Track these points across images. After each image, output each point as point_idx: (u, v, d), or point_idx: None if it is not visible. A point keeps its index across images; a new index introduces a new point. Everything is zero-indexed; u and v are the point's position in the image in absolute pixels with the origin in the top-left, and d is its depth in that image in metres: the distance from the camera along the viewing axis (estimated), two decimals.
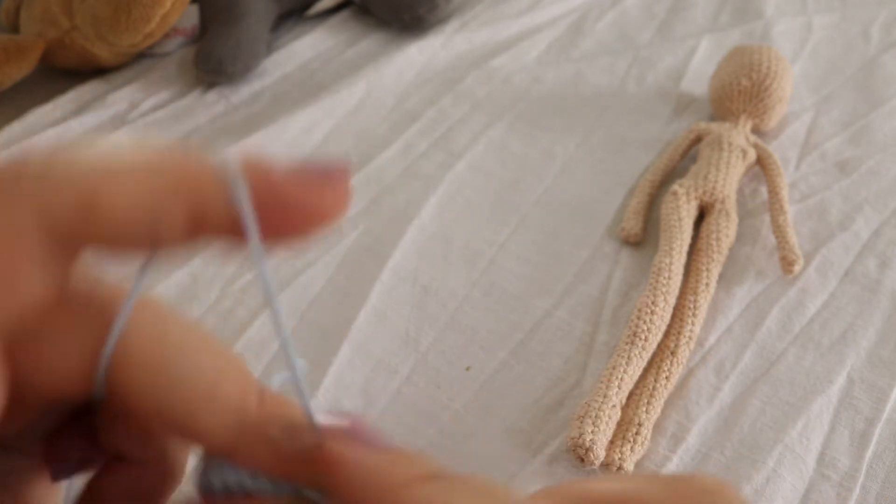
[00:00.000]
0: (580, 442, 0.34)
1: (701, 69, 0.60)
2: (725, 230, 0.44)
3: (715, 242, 0.44)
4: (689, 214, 0.45)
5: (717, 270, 0.43)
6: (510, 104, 0.58)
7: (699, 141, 0.51)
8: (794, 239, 0.44)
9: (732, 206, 0.46)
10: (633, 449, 0.35)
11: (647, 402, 0.37)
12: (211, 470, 0.16)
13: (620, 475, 0.13)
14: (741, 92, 0.52)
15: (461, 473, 0.16)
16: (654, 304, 0.39)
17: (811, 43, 0.63)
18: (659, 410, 0.37)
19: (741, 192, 0.49)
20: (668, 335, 0.40)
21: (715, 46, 0.63)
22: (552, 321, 0.42)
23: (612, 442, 0.35)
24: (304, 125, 0.55)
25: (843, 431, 0.37)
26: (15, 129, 0.55)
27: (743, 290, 0.43)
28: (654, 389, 0.37)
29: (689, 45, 0.63)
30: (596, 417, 0.35)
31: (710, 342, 0.41)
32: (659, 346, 0.39)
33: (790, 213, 0.46)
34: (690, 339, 0.40)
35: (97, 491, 0.18)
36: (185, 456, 0.19)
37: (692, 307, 0.40)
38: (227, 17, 0.60)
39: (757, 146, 0.50)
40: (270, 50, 0.63)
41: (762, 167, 0.49)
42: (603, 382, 0.37)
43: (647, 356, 0.38)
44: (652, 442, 0.36)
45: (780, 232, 0.45)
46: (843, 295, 0.43)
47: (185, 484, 0.18)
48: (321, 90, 0.59)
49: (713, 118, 0.55)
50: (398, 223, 0.48)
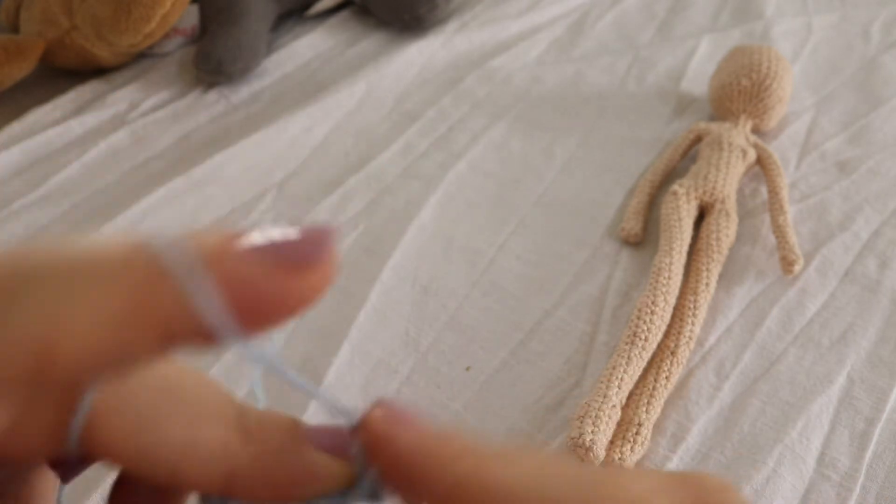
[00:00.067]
0: (580, 442, 0.34)
1: (701, 69, 0.60)
2: (725, 230, 0.44)
3: (715, 242, 0.44)
4: (689, 214, 0.45)
5: (717, 270, 0.43)
6: (510, 104, 0.58)
7: (699, 141, 0.51)
8: (794, 239, 0.44)
9: (732, 206, 0.46)
10: (633, 449, 0.35)
11: (647, 402, 0.37)
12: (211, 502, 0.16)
13: (633, 470, 0.13)
14: (741, 92, 0.52)
15: (505, 443, 0.16)
16: (654, 304, 0.39)
17: (811, 43, 0.63)
18: (659, 410, 0.37)
19: (741, 192, 0.49)
20: (668, 335, 0.40)
21: (715, 46, 0.63)
22: (552, 321, 0.42)
23: (612, 442, 0.35)
24: (304, 125, 0.55)
25: (843, 431, 0.37)
26: (15, 129, 0.55)
27: (743, 290, 0.43)
28: (654, 389, 0.37)
29: (689, 45, 0.63)
30: (596, 417, 0.35)
31: (710, 342, 0.41)
32: (659, 346, 0.39)
33: (790, 213, 0.46)
34: (690, 339, 0.40)
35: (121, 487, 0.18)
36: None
37: (692, 307, 0.40)
38: (227, 17, 0.60)
39: (757, 146, 0.50)
40: (270, 50, 0.63)
41: (762, 167, 0.49)
42: (603, 382, 0.37)
43: (647, 356, 0.38)
44: (652, 442, 0.36)
45: (780, 232, 0.45)
46: (843, 295, 0.43)
47: None
48: (321, 90, 0.59)
49: (713, 118, 0.55)
50: (398, 223, 0.48)
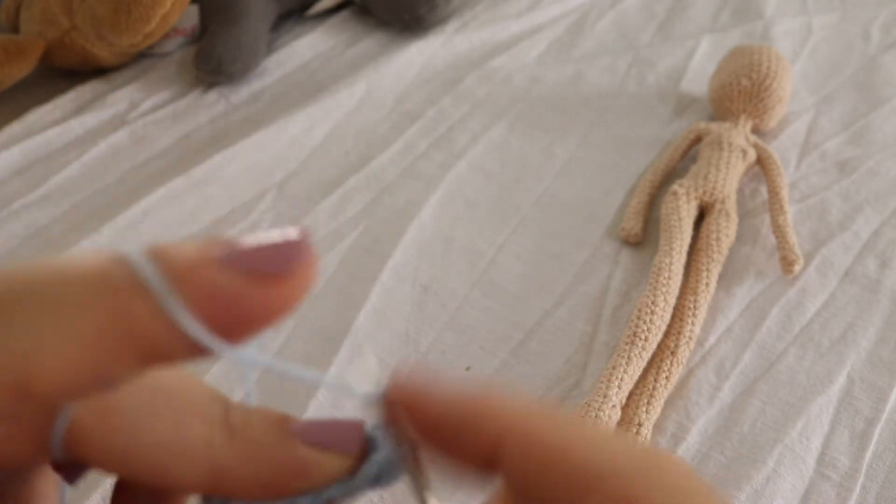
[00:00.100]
0: None
1: (701, 69, 0.60)
2: (725, 230, 0.44)
3: (715, 242, 0.44)
4: (689, 214, 0.45)
5: (717, 270, 0.43)
6: (510, 104, 0.58)
7: (699, 141, 0.51)
8: (794, 239, 0.44)
9: (732, 206, 0.46)
10: None
11: (647, 402, 0.37)
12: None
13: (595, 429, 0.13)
14: (741, 92, 0.52)
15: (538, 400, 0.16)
16: (654, 304, 0.39)
17: (811, 43, 0.63)
18: (659, 410, 0.37)
19: (741, 192, 0.49)
20: (668, 335, 0.40)
21: (715, 46, 0.63)
22: (552, 321, 0.42)
23: None
24: (304, 125, 0.55)
25: (843, 431, 0.37)
26: (15, 129, 0.55)
27: (743, 290, 0.43)
28: (654, 389, 0.37)
29: (689, 45, 0.63)
30: (596, 417, 0.35)
31: (710, 342, 0.41)
32: (659, 346, 0.39)
33: (790, 213, 0.46)
34: (690, 339, 0.40)
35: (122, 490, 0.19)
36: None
37: (692, 307, 0.40)
38: (227, 17, 0.60)
39: (757, 146, 0.50)
40: (270, 50, 0.63)
41: (762, 167, 0.49)
42: (603, 382, 0.37)
43: (647, 356, 0.38)
44: (652, 442, 0.36)
45: (780, 232, 0.45)
46: (843, 295, 0.43)
47: None
48: (321, 90, 0.59)
49: (713, 118, 0.55)
50: (398, 223, 0.48)
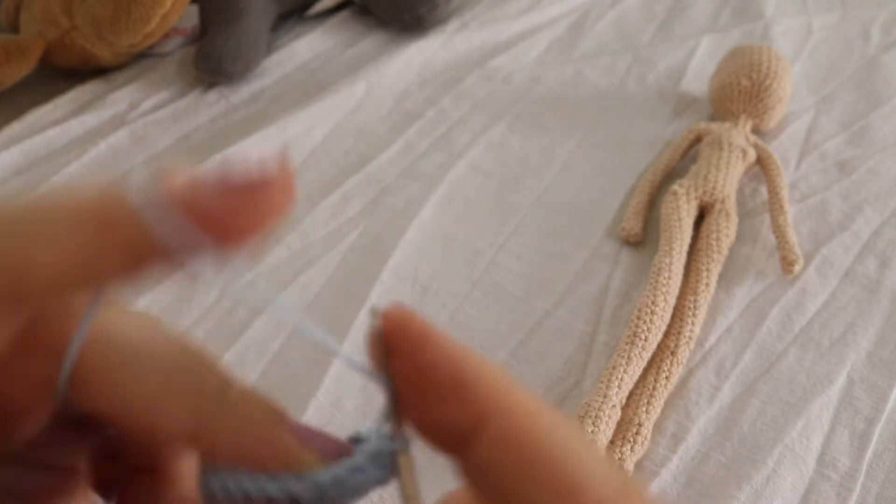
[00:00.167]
0: None
1: (701, 69, 0.60)
2: (725, 230, 0.44)
3: (715, 242, 0.44)
4: (689, 214, 0.45)
5: (717, 270, 0.43)
6: (510, 104, 0.58)
7: (699, 141, 0.51)
8: (794, 239, 0.44)
9: (732, 206, 0.46)
10: (633, 449, 0.35)
11: (647, 402, 0.37)
12: (210, 476, 0.16)
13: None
14: (741, 92, 0.52)
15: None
16: (654, 304, 0.39)
17: (811, 43, 0.63)
18: (659, 410, 0.37)
19: (741, 192, 0.49)
20: (668, 335, 0.40)
21: (715, 46, 0.63)
22: (552, 321, 0.42)
23: (612, 442, 0.35)
24: (304, 125, 0.55)
25: (843, 431, 0.37)
26: (15, 129, 0.55)
27: (743, 290, 0.43)
28: (654, 389, 0.37)
29: (689, 45, 0.63)
30: (596, 417, 0.35)
31: (710, 342, 0.41)
32: (659, 346, 0.39)
33: (790, 213, 0.46)
34: (690, 339, 0.40)
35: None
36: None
37: (692, 307, 0.40)
38: (227, 17, 0.60)
39: (757, 146, 0.50)
40: (270, 50, 0.63)
41: (762, 167, 0.49)
42: (603, 382, 0.37)
43: (647, 356, 0.38)
44: (652, 442, 0.36)
45: (780, 232, 0.45)
46: (843, 295, 0.43)
47: None
48: (321, 90, 0.59)
49: (713, 118, 0.55)
50: (398, 223, 0.48)
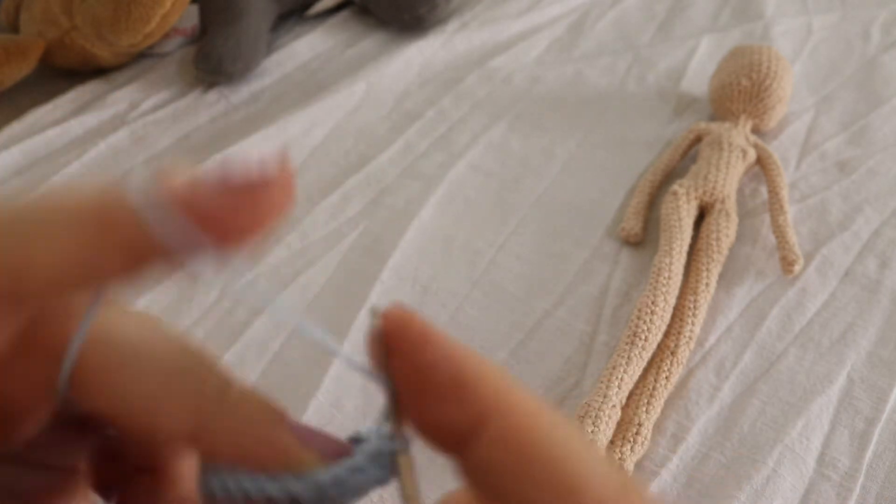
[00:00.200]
0: None
1: (701, 69, 0.60)
2: (725, 230, 0.44)
3: (715, 242, 0.44)
4: (689, 214, 0.45)
5: (717, 270, 0.43)
6: (510, 104, 0.58)
7: (699, 141, 0.51)
8: (794, 239, 0.44)
9: (732, 206, 0.46)
10: (633, 449, 0.35)
11: (647, 402, 0.37)
12: (210, 476, 0.16)
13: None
14: (741, 92, 0.52)
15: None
16: (654, 304, 0.39)
17: (811, 43, 0.63)
18: (659, 410, 0.37)
19: (741, 192, 0.49)
20: (668, 335, 0.40)
21: (715, 46, 0.63)
22: (552, 321, 0.42)
23: (612, 442, 0.35)
24: (304, 125, 0.55)
25: (843, 431, 0.37)
26: (15, 129, 0.55)
27: (743, 290, 0.43)
28: (654, 389, 0.37)
29: (689, 45, 0.63)
30: (596, 417, 0.35)
31: (710, 342, 0.41)
32: (659, 346, 0.39)
33: (790, 213, 0.46)
34: (690, 339, 0.40)
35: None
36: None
37: (692, 307, 0.40)
38: (227, 17, 0.60)
39: (757, 146, 0.50)
40: (270, 50, 0.63)
41: (762, 167, 0.49)
42: (603, 382, 0.37)
43: (647, 356, 0.38)
44: (652, 442, 0.36)
45: (780, 232, 0.45)
46: (843, 295, 0.43)
47: None
48: (321, 90, 0.59)
49: (713, 118, 0.55)
50: (398, 223, 0.48)
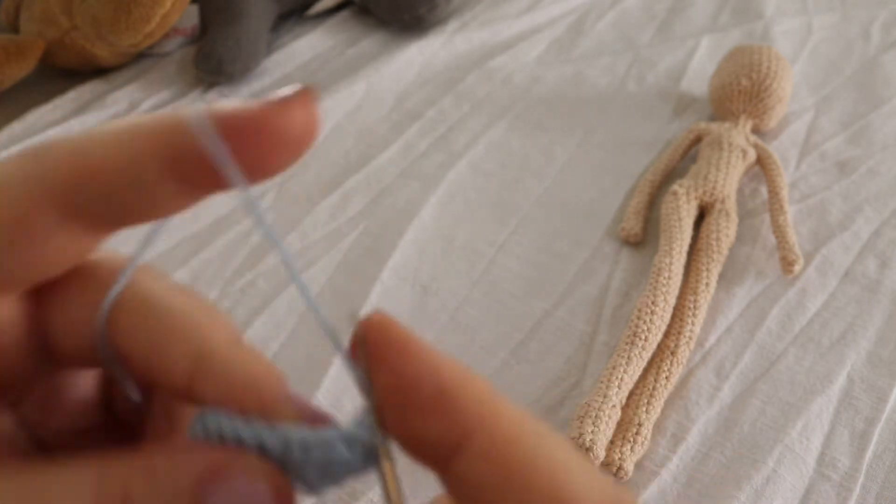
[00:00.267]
0: (580, 442, 0.34)
1: (701, 69, 0.60)
2: (725, 230, 0.44)
3: (715, 242, 0.44)
4: (689, 214, 0.45)
5: (717, 270, 0.43)
6: (510, 104, 0.58)
7: (699, 141, 0.51)
8: (794, 239, 0.44)
9: (732, 206, 0.46)
10: (633, 449, 0.35)
11: (647, 402, 0.37)
12: (206, 417, 0.16)
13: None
14: (741, 92, 0.52)
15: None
16: (654, 304, 0.39)
17: (811, 43, 0.63)
18: (659, 410, 0.37)
19: (741, 192, 0.49)
20: (668, 335, 0.40)
21: (715, 46, 0.63)
22: (552, 321, 0.42)
23: (612, 442, 0.35)
24: None
25: (843, 431, 0.37)
26: (15, 129, 0.55)
27: (743, 290, 0.43)
28: (654, 389, 0.37)
29: (689, 45, 0.63)
30: (596, 417, 0.35)
31: (710, 342, 0.41)
32: (659, 346, 0.39)
33: (790, 213, 0.46)
34: (690, 339, 0.40)
35: None
36: None
37: (692, 307, 0.40)
38: (227, 17, 0.60)
39: (757, 146, 0.50)
40: (270, 50, 0.63)
41: (762, 167, 0.49)
42: (603, 382, 0.37)
43: (647, 356, 0.38)
44: (652, 442, 0.36)
45: (780, 232, 0.45)
46: (843, 295, 0.43)
47: None
48: (321, 90, 0.59)
49: (713, 118, 0.55)
50: (398, 223, 0.48)
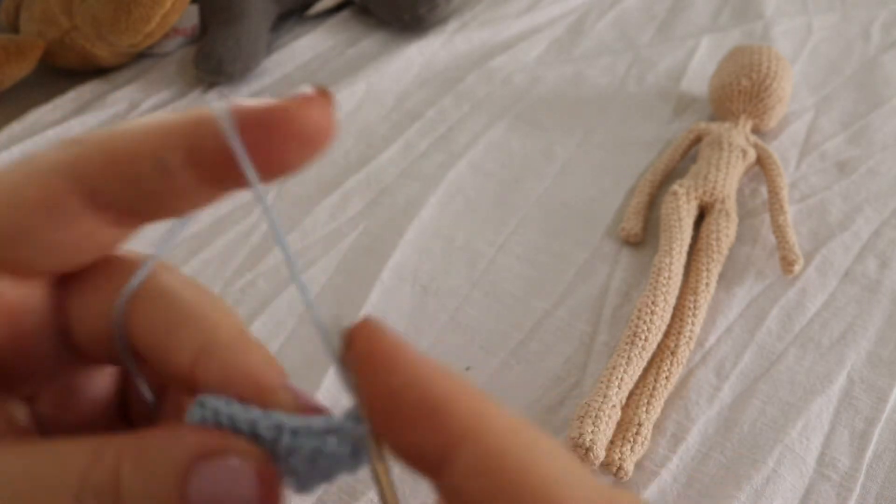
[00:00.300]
0: (580, 442, 0.34)
1: (701, 69, 0.60)
2: (725, 230, 0.44)
3: (715, 242, 0.44)
4: (689, 214, 0.45)
5: (717, 270, 0.43)
6: (510, 104, 0.58)
7: (699, 141, 0.51)
8: (794, 239, 0.44)
9: (732, 206, 0.46)
10: (633, 449, 0.35)
11: (647, 402, 0.37)
12: (205, 401, 0.16)
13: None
14: (741, 92, 0.52)
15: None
16: (654, 304, 0.39)
17: (811, 43, 0.63)
18: (659, 410, 0.37)
19: (741, 192, 0.49)
20: (668, 335, 0.40)
21: (715, 46, 0.63)
22: (552, 321, 0.42)
23: (612, 442, 0.35)
24: None
25: (843, 431, 0.37)
26: (15, 129, 0.55)
27: (743, 290, 0.43)
28: (654, 389, 0.37)
29: (689, 45, 0.63)
30: (596, 417, 0.35)
31: (710, 342, 0.41)
32: (659, 346, 0.39)
33: (790, 213, 0.46)
34: (690, 339, 0.40)
35: None
36: None
37: (692, 307, 0.40)
38: (227, 17, 0.60)
39: (757, 146, 0.50)
40: (270, 50, 0.63)
41: (762, 167, 0.49)
42: (603, 382, 0.37)
43: (647, 356, 0.38)
44: (652, 442, 0.36)
45: (780, 232, 0.45)
46: (843, 295, 0.43)
47: None
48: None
49: (713, 118, 0.55)
50: (398, 223, 0.48)
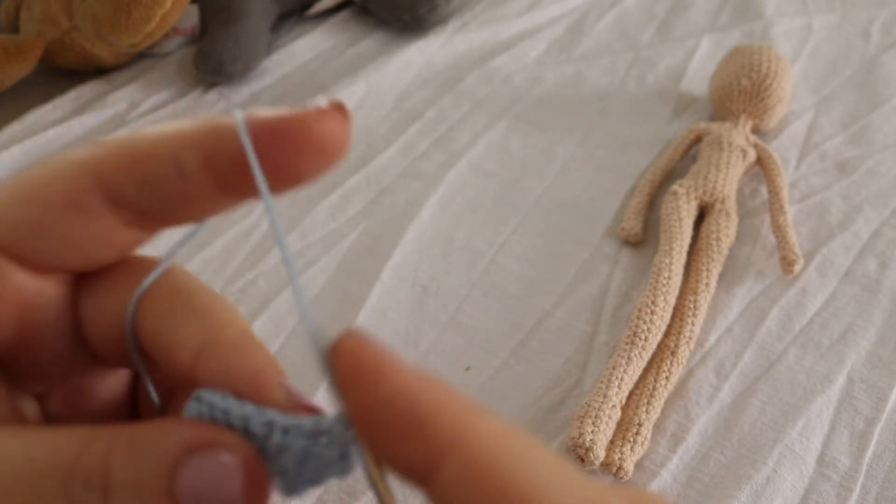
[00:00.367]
0: (580, 442, 0.34)
1: (701, 69, 0.60)
2: (725, 230, 0.44)
3: (715, 242, 0.44)
4: (689, 214, 0.45)
5: (717, 270, 0.43)
6: (510, 104, 0.58)
7: (699, 141, 0.51)
8: (794, 239, 0.44)
9: (732, 206, 0.46)
10: (633, 449, 0.35)
11: (647, 402, 0.37)
12: (201, 395, 0.16)
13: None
14: (741, 92, 0.52)
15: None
16: (654, 304, 0.39)
17: (811, 43, 0.63)
18: (659, 410, 0.37)
19: (741, 192, 0.49)
20: (668, 335, 0.40)
21: (715, 46, 0.63)
22: (552, 321, 0.42)
23: (612, 442, 0.35)
24: None
25: (843, 431, 0.37)
26: (15, 129, 0.55)
27: (743, 290, 0.43)
28: (654, 389, 0.37)
29: (689, 45, 0.63)
30: (596, 417, 0.35)
31: (710, 342, 0.41)
32: (659, 346, 0.39)
33: (790, 213, 0.46)
34: (690, 339, 0.40)
35: None
36: None
37: (692, 307, 0.40)
38: (227, 17, 0.60)
39: (757, 146, 0.50)
40: (270, 50, 0.63)
41: (762, 167, 0.49)
42: (603, 382, 0.37)
43: (647, 356, 0.38)
44: (652, 442, 0.36)
45: (780, 232, 0.45)
46: (843, 295, 0.43)
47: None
48: (321, 90, 0.59)
49: (713, 118, 0.55)
50: (398, 223, 0.48)
